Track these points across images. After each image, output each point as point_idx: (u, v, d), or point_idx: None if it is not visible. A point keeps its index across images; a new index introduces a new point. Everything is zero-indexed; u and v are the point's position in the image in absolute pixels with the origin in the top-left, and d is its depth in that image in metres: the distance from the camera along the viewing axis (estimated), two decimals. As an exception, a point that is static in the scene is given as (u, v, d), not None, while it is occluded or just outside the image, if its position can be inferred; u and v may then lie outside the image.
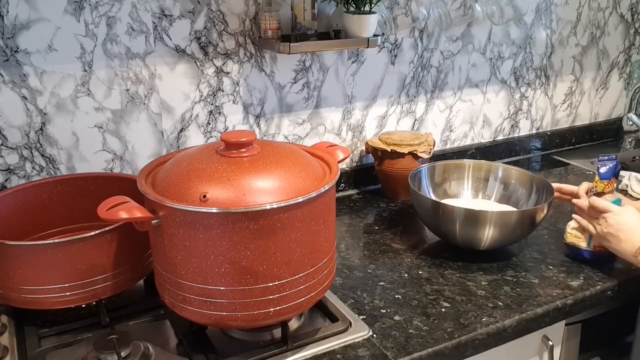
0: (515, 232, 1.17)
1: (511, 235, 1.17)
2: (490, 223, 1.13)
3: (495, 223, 1.13)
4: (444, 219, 1.17)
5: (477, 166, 1.38)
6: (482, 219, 1.13)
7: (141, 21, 1.18)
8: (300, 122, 1.44)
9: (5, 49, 1.08)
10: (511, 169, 1.35)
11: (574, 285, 1.11)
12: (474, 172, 1.38)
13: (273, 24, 1.25)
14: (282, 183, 0.84)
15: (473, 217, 1.14)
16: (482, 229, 1.14)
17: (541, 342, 1.11)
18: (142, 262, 1.02)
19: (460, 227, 1.15)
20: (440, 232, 1.23)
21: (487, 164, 1.39)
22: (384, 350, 0.93)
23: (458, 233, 1.16)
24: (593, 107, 1.98)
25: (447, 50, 1.59)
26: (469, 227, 1.15)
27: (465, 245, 1.19)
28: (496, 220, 1.13)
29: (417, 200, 1.24)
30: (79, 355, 0.92)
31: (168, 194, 0.83)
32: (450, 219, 1.16)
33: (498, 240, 1.16)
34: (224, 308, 0.84)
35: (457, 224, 1.15)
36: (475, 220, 1.14)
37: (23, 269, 0.91)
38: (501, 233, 1.15)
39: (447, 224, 1.17)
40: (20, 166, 1.16)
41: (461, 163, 1.40)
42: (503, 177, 1.35)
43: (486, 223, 1.13)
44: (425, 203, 1.22)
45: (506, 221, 1.15)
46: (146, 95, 1.24)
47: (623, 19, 1.91)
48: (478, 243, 1.17)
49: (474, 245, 1.18)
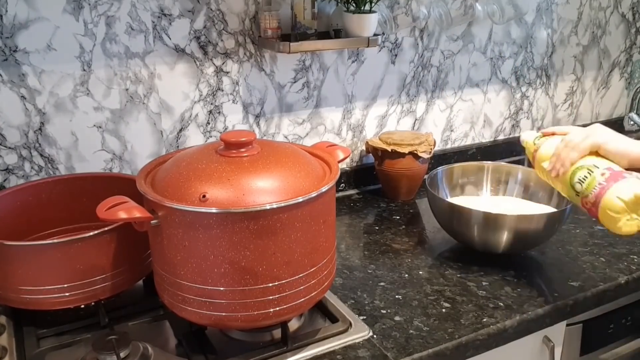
0: (538, 236, 1.13)
1: (532, 239, 1.14)
2: (510, 227, 1.10)
3: (514, 227, 1.10)
4: (460, 222, 1.15)
5: (496, 168, 1.35)
6: (500, 223, 1.10)
7: (140, 20, 1.18)
8: (300, 121, 1.44)
9: (4, 49, 1.08)
10: (531, 171, 1.30)
11: (575, 285, 1.10)
12: (493, 175, 1.35)
13: (273, 24, 1.25)
14: (282, 183, 0.84)
15: (491, 221, 1.11)
16: (500, 233, 1.11)
17: (542, 343, 1.11)
18: (142, 263, 1.01)
19: (479, 231, 1.13)
20: (457, 235, 1.21)
21: (508, 166, 1.34)
22: (384, 350, 0.92)
23: (476, 237, 1.14)
24: (594, 106, 1.98)
25: (448, 49, 1.59)
26: (487, 231, 1.12)
27: (484, 249, 1.17)
28: (516, 223, 1.10)
29: (434, 202, 1.21)
30: (78, 355, 0.91)
31: (167, 194, 0.83)
32: (467, 222, 1.14)
33: (517, 246, 1.14)
34: (224, 308, 0.84)
35: (474, 228, 1.13)
36: (494, 224, 1.11)
37: (22, 269, 0.91)
38: (521, 237, 1.12)
39: (463, 227, 1.15)
40: (19, 166, 1.16)
41: (480, 165, 1.36)
42: (523, 179, 1.32)
43: (504, 227, 1.10)
44: (441, 205, 1.19)
45: (528, 225, 1.11)
46: (145, 95, 1.23)
47: (624, 19, 1.90)
48: (496, 247, 1.14)
49: (492, 249, 1.15)
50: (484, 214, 1.11)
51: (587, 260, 1.20)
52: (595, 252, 1.23)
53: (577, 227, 1.34)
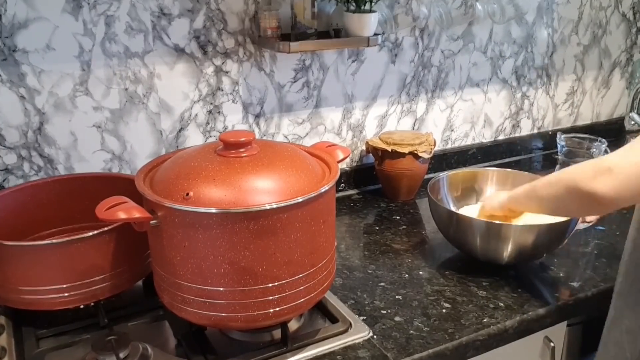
0: (543, 246, 1.10)
1: (537, 250, 1.10)
2: (514, 238, 1.06)
3: (517, 238, 1.06)
4: (461, 230, 1.12)
5: (503, 175, 1.30)
6: (504, 233, 1.06)
7: (140, 20, 1.18)
8: (300, 121, 1.44)
9: (3, 48, 1.08)
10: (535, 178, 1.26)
11: (575, 285, 1.10)
12: (498, 182, 1.30)
13: (273, 23, 1.25)
14: (282, 183, 0.84)
15: (494, 231, 1.07)
16: (504, 244, 1.07)
17: (543, 343, 1.11)
18: (141, 263, 1.01)
19: (481, 241, 1.09)
20: (459, 245, 1.18)
21: (513, 172, 1.31)
22: (384, 351, 0.92)
23: (479, 247, 1.11)
24: (595, 106, 1.98)
25: (448, 49, 1.59)
26: (490, 241, 1.08)
27: (486, 260, 1.13)
28: (520, 234, 1.06)
29: (435, 211, 1.18)
30: (77, 356, 0.91)
31: (167, 194, 0.83)
32: (468, 231, 1.10)
33: (520, 256, 1.10)
34: (224, 309, 0.83)
35: (476, 238, 1.09)
36: (497, 234, 1.07)
37: (21, 270, 0.91)
38: (525, 248, 1.08)
39: (464, 236, 1.12)
40: (18, 166, 1.15)
41: (484, 171, 1.32)
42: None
43: (509, 237, 1.06)
44: (442, 213, 1.15)
45: (533, 235, 1.06)
46: (145, 95, 1.23)
47: (625, 18, 1.90)
48: (500, 258, 1.10)
49: (496, 260, 1.12)
50: (486, 224, 1.08)
51: (587, 260, 1.20)
52: (596, 252, 1.23)
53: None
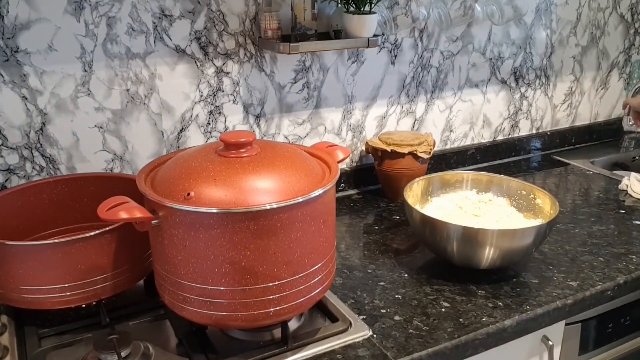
0: (521, 249, 1.08)
1: (516, 253, 1.08)
2: (492, 242, 1.04)
3: (496, 242, 1.05)
4: (436, 235, 1.09)
5: (477, 179, 1.28)
6: (481, 239, 1.04)
7: (141, 21, 1.18)
8: (300, 122, 1.44)
9: (6, 49, 1.08)
10: (511, 180, 1.26)
11: (573, 285, 1.11)
12: (472, 185, 1.30)
13: (273, 24, 1.25)
14: (282, 183, 0.84)
15: (471, 236, 1.04)
16: (482, 249, 1.05)
17: (541, 342, 1.11)
18: (142, 262, 1.02)
19: (458, 246, 1.07)
20: (435, 250, 1.15)
21: (488, 175, 1.29)
22: (384, 350, 0.93)
23: (456, 252, 1.09)
24: (593, 107, 1.99)
25: (447, 50, 1.59)
26: (467, 246, 1.06)
27: (464, 265, 1.11)
28: (498, 238, 1.04)
29: (410, 215, 1.15)
30: (79, 355, 0.92)
31: (168, 194, 0.83)
32: (445, 236, 1.07)
33: (500, 260, 1.08)
34: (224, 308, 0.84)
35: (454, 243, 1.07)
36: (474, 239, 1.04)
37: (23, 269, 0.91)
38: (505, 251, 1.06)
39: (441, 242, 1.09)
40: (20, 166, 1.16)
41: (459, 174, 1.30)
42: (506, 190, 1.26)
43: (487, 242, 1.04)
44: (415, 217, 1.12)
45: (514, 238, 1.05)
46: (146, 96, 1.24)
47: (623, 19, 1.91)
48: (478, 263, 1.09)
49: (472, 265, 1.10)
50: (463, 228, 1.05)
51: (585, 259, 1.20)
52: (594, 251, 1.23)
53: (575, 227, 1.34)
